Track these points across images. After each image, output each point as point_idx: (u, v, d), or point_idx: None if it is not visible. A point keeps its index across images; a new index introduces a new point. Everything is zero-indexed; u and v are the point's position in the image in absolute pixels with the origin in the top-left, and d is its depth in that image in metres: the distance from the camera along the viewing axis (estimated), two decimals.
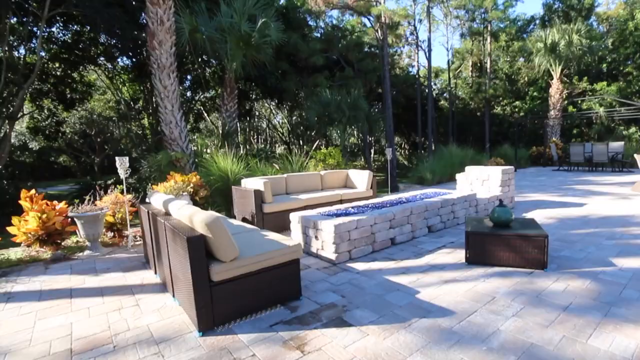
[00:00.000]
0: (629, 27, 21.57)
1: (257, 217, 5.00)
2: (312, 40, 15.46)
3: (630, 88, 21.04)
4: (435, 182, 10.78)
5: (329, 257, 3.96)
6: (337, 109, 12.72)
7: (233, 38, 9.36)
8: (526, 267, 3.60)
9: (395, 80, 20.96)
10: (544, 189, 9.28)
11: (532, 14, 25.52)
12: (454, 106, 26.90)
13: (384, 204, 5.04)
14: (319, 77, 15.07)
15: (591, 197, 7.67)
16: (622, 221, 5.47)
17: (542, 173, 13.47)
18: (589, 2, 22.85)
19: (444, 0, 23.74)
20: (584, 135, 21.73)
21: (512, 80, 24.89)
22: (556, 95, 18.22)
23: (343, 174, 6.78)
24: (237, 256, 2.60)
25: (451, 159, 11.74)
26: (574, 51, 17.83)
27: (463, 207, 5.65)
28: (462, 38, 25.84)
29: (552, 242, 4.51)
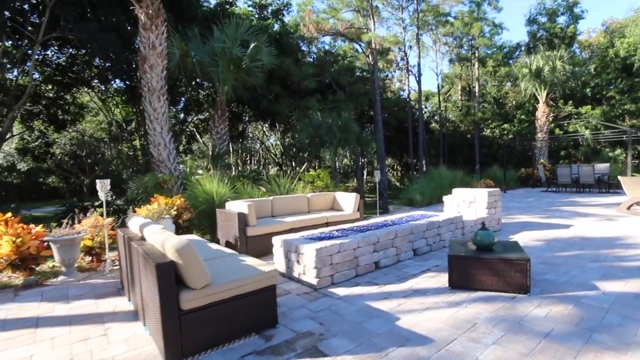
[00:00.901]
0: (609, 54, 22.43)
1: (241, 240, 4.92)
2: (304, 64, 15.79)
3: (614, 112, 21.64)
4: (425, 203, 10.79)
5: (310, 282, 3.88)
6: (328, 131, 12.86)
7: (224, 62, 9.52)
8: (509, 291, 3.56)
9: (387, 103, 21.37)
10: (532, 210, 9.33)
11: (517, 41, 26.42)
12: (445, 129, 27.36)
13: (369, 226, 5.00)
14: (310, 100, 15.30)
15: (577, 219, 7.71)
16: (607, 243, 5.48)
17: (530, 194, 13.58)
18: (571, 31, 23.80)
19: (432, 28, 24.58)
20: (572, 157, 22.11)
21: (500, 103, 25.50)
22: (543, 118, 18.64)
23: (330, 197, 6.77)
24: (209, 283, 2.53)
25: (441, 180, 11.81)
26: (558, 76, 18.41)
27: (449, 229, 5.63)
28: (451, 63, 26.58)
29: (537, 265, 4.48)
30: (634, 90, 21.54)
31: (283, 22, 17.12)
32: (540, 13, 24.41)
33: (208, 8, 14.50)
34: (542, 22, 24.19)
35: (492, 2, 24.13)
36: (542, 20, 24.32)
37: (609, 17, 33.08)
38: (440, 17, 23.23)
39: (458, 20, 23.28)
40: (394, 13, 22.59)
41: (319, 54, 18.26)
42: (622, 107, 21.64)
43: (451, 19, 23.47)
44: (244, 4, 17.11)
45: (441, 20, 23.47)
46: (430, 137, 27.12)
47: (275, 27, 17.19)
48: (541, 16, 24.37)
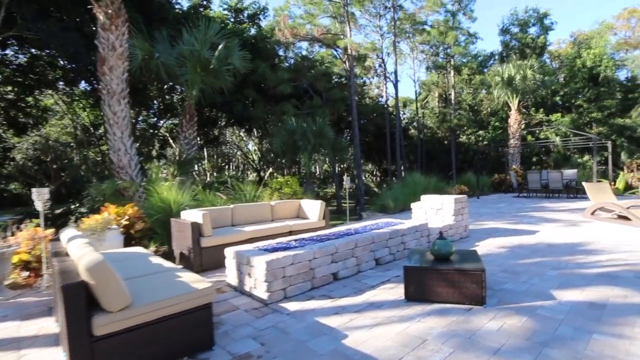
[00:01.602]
0: (577, 64, 23.29)
1: (194, 251, 4.66)
2: (280, 69, 15.63)
3: (582, 119, 22.41)
4: (399, 210, 10.74)
5: (261, 296, 3.66)
6: (302, 136, 12.70)
7: (192, 64, 9.23)
8: (465, 302, 3.44)
9: (364, 109, 21.44)
10: (502, 216, 9.39)
11: (491, 51, 27.16)
12: (423, 135, 27.70)
13: (329, 236, 4.83)
14: (286, 105, 15.13)
15: (544, 224, 7.78)
16: (569, 249, 5.49)
17: (502, 200, 13.77)
18: (541, 41, 24.62)
19: (410, 36, 24.94)
20: (543, 163, 22.71)
21: (475, 110, 26.03)
22: (515, 125, 19.08)
23: (296, 204, 6.57)
24: (129, 304, 2.28)
25: (415, 186, 11.81)
26: (529, 85, 18.92)
27: (414, 237, 5.52)
28: (428, 71, 27.02)
29: (498, 273, 4.41)
30: (600, 99, 22.40)
31: (259, 26, 16.96)
32: (512, 23, 25.17)
33: (180, 10, 14.18)
34: (515, 33, 24.93)
35: (466, 12, 24.71)
36: (514, 30, 25.08)
37: (577, 29, 34.49)
38: (417, 26, 23.61)
39: (434, 29, 23.72)
40: (371, 20, 22.82)
41: (296, 59, 18.15)
42: (590, 115, 22.44)
43: (427, 27, 23.90)
44: (219, 7, 16.79)
45: (418, 28, 23.86)
46: (408, 143, 27.37)
47: (251, 31, 17.01)
48: (513, 26, 25.13)
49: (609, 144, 14.99)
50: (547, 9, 23.93)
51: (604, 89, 22.45)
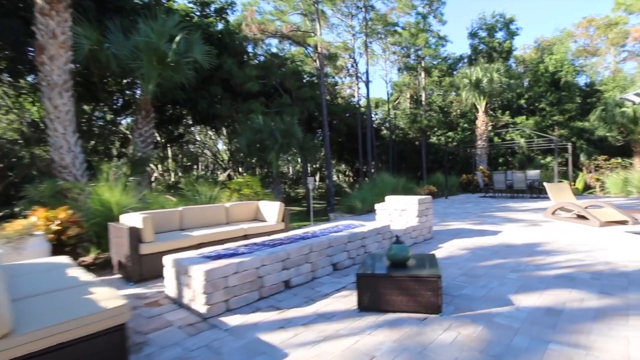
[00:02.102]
0: (540, 69, 24.17)
1: (132, 259, 4.21)
2: (248, 66, 15.15)
3: (545, 122, 23.27)
4: (366, 211, 10.57)
5: (199, 310, 3.29)
6: (269, 135, 12.32)
7: (147, 57, 8.65)
8: (421, 311, 3.21)
9: (336, 109, 21.28)
10: (467, 216, 9.41)
11: (461, 54, 27.76)
12: (395, 135, 27.91)
13: (284, 240, 4.51)
14: (254, 103, 14.68)
15: (507, 225, 7.80)
16: (529, 250, 5.44)
17: (469, 200, 13.95)
18: (508, 46, 25.37)
19: (382, 37, 25.03)
20: (509, 164, 23.40)
21: (445, 112, 26.49)
22: (482, 127, 19.48)
23: (253, 206, 6.20)
24: (9, 331, 1.87)
25: (383, 187, 11.69)
26: (495, 87, 19.39)
27: (375, 240, 5.30)
28: (400, 72, 27.24)
29: (458, 277, 4.25)
30: (561, 103, 23.34)
31: (227, 21, 16.39)
32: (481, 28, 25.81)
33: (141, 0, 13.42)
34: (483, 37, 25.57)
35: (437, 15, 25.11)
36: (482, 34, 25.71)
37: (540, 36, 35.97)
38: (389, 27, 23.72)
39: (406, 30, 23.93)
40: (343, 20, 22.68)
41: (265, 56, 17.70)
42: (552, 118, 23.35)
43: (399, 29, 24.08)
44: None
45: (390, 30, 23.99)
46: (381, 144, 27.51)
47: (219, 26, 16.41)
48: (482, 31, 25.77)
49: (569, 145, 15.53)
50: (513, 15, 24.71)
51: (564, 93, 23.41)
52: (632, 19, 27.24)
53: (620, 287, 3.78)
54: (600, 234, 6.46)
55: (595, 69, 30.20)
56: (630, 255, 4.95)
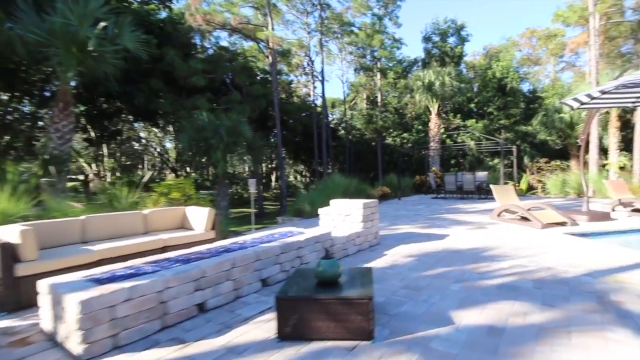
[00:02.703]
0: (488, 74, 25.21)
1: (5, 283, 3.37)
2: (194, 59, 14.13)
3: (493, 125, 24.29)
4: (315, 214, 10.09)
5: (73, 350, 2.59)
6: (214, 133, 11.50)
7: (63, 42, 7.56)
8: (351, 339, 2.75)
9: (291, 108, 20.73)
10: (417, 219, 9.26)
11: (415, 57, 28.28)
12: (352, 136, 27.89)
13: (204, 253, 3.88)
14: (200, 99, 13.73)
15: (454, 228, 7.68)
16: (474, 256, 5.24)
17: (422, 201, 14.00)
18: (459, 51, 26.21)
19: (338, 36, 24.85)
20: (461, 165, 24.15)
21: (400, 114, 26.87)
22: (435, 129, 19.86)
23: (179, 212, 5.48)
24: None
25: (334, 189, 11.32)
26: (447, 91, 19.86)
27: (314, 249, 4.81)
28: (356, 73, 27.24)
29: (399, 290, 3.87)
30: (507, 107, 24.49)
31: (170, 9, 15.24)
32: (434, 32, 26.43)
33: None
34: (436, 41, 26.21)
35: (392, 17, 25.38)
36: (435, 39, 26.35)
37: (488, 43, 37.83)
38: (345, 27, 23.57)
39: (362, 31, 23.92)
40: (299, 17, 22.19)
41: (215, 49, 16.72)
42: (499, 122, 24.41)
43: (355, 29, 24.02)
44: None
45: (346, 30, 23.85)
46: (338, 144, 27.34)
47: (162, 14, 15.23)
48: (435, 35, 26.40)
49: (514, 148, 16.15)
50: (464, 22, 25.56)
51: (510, 99, 24.60)
52: (569, 31, 29.34)
53: (561, 296, 3.59)
54: (542, 237, 6.46)
55: (537, 77, 32.25)
56: (570, 259, 4.87)
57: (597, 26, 17.22)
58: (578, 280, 4.08)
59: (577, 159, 20.93)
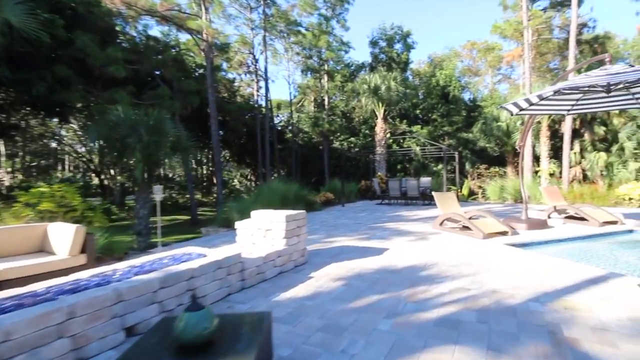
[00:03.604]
0: (432, 82, 25.76)
1: None
2: (113, 46, 12.35)
3: (437, 132, 24.79)
4: None
5: None
6: (131, 131, 9.92)
7: None
8: None
9: (231, 107, 19.33)
10: (357, 228, 8.52)
11: (363, 61, 28.20)
12: (300, 139, 27.03)
13: (35, 296, 2.66)
14: (119, 92, 11.98)
15: (395, 239, 7.02)
16: (413, 276, 4.51)
17: (366, 207, 13.44)
18: (405, 57, 26.55)
19: (284, 35, 23.93)
20: (407, 170, 24.31)
21: (348, 117, 26.55)
22: (381, 133, 19.63)
23: (38, 231, 4.11)
24: None
25: (271, 196, 10.28)
26: (393, 95, 19.75)
27: (215, 277, 3.75)
28: (303, 74, 26.51)
29: (314, 334, 2.96)
30: (450, 115, 25.18)
31: None
32: (381, 38, 26.55)
33: None
34: (383, 46, 26.32)
35: (340, 20, 25.01)
36: (382, 44, 26.47)
37: (433, 52, 39.19)
38: (291, 26, 22.71)
39: (309, 32, 23.23)
40: (242, 12, 20.93)
41: (141, 38, 14.94)
42: (443, 129, 24.99)
43: (302, 30, 23.26)
44: None
45: (293, 29, 23.01)
46: (284, 147, 26.32)
47: None
48: (382, 41, 26.52)
49: (457, 154, 16.29)
50: (409, 29, 25.94)
51: (453, 107, 25.33)
52: (505, 45, 31.15)
53: (510, 335, 2.91)
54: (484, 249, 5.98)
55: (477, 87, 33.86)
56: (515, 279, 4.31)
57: (530, 40, 18.09)
58: (526, 307, 3.47)
59: (512, 165, 21.91)
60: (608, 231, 7.61)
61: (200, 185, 24.58)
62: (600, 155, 18.53)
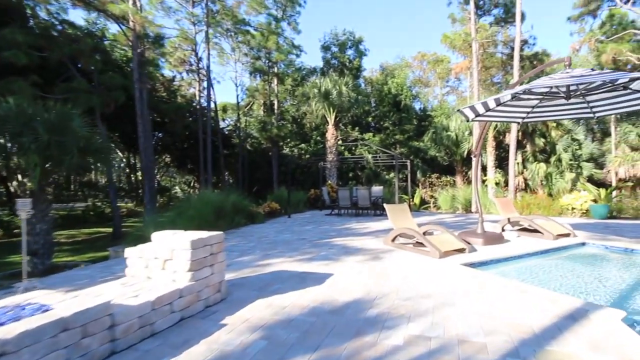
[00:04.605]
0: (384, 90, 25.64)
1: None
2: (11, 27, 10.22)
3: (389, 140, 24.59)
4: None
5: None
6: (25, 128, 8.04)
7: None
8: None
9: (168, 107, 17.45)
10: (300, 245, 7.40)
11: (314, 66, 27.49)
12: (249, 144, 25.51)
13: None
14: (17, 82, 9.87)
15: (342, 260, 5.98)
16: (358, 319, 3.46)
17: (314, 219, 12.39)
18: (357, 63, 26.23)
19: (232, 34, 22.48)
20: (359, 179, 23.75)
21: (299, 123, 25.56)
22: (332, 140, 18.84)
23: None
24: None
25: (203, 208, 8.83)
26: (344, 101, 19.09)
27: (57, 347, 2.40)
28: (252, 76, 25.17)
29: None
30: (402, 123, 25.15)
31: None
32: (333, 43, 26.02)
33: None
34: (335, 52, 25.80)
35: (291, 22, 24.11)
36: (334, 49, 25.95)
37: (385, 61, 39.71)
38: (240, 25, 21.35)
39: (258, 32, 22.01)
40: (183, 5, 19.19)
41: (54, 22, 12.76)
42: (394, 137, 24.86)
43: (251, 29, 21.99)
44: None
45: (241, 29, 21.65)
46: (231, 153, 24.64)
47: None
48: (334, 46, 25.99)
49: (408, 163, 15.89)
50: (361, 35, 25.70)
51: (404, 115, 25.35)
52: (453, 58, 32.19)
53: None
54: (442, 272, 5.13)
55: (427, 98, 34.65)
56: (483, 319, 3.42)
57: (478, 51, 18.40)
58: None
59: (461, 174, 22.18)
60: (562, 245, 7.24)
61: (133, 194, 22.04)
62: (540, 166, 19.24)
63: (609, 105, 6.39)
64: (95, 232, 15.45)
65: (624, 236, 8.02)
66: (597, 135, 25.67)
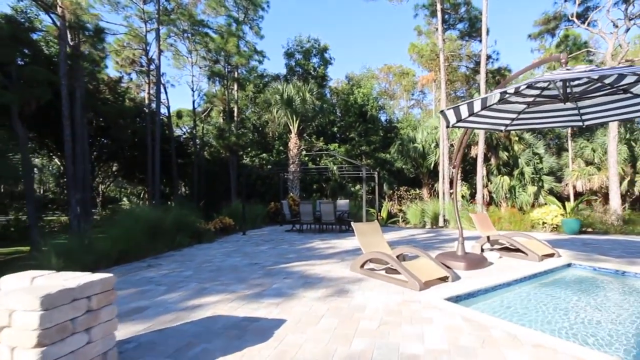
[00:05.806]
0: (350, 100, 24.97)
1: None
2: None
3: (355, 151, 23.79)
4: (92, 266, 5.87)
5: None
6: None
7: None
8: None
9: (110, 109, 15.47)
10: (249, 274, 6.02)
11: (277, 73, 26.36)
12: (207, 153, 23.70)
13: None
14: None
15: (299, 297, 4.70)
16: None
17: (272, 236, 11.01)
18: (322, 72, 25.44)
19: (189, 36, 20.89)
20: (323, 191, 22.63)
21: (260, 132, 24.19)
22: (295, 150, 17.64)
23: None
24: None
25: (134, 227, 7.21)
26: (308, 108, 18.05)
27: None
28: (210, 80, 23.57)
29: None
30: (368, 134, 24.49)
31: None
32: (297, 50, 25.09)
33: None
34: (299, 59, 24.86)
35: (253, 26, 22.94)
36: (298, 56, 25.01)
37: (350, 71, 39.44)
38: (199, 27, 19.84)
39: (218, 36, 20.61)
40: (134, 1, 17.43)
41: None
42: (360, 148, 24.10)
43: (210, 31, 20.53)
44: None
45: (199, 31, 20.14)
46: (186, 162, 22.70)
47: None
48: (298, 53, 25.07)
49: (376, 174, 15.01)
50: (327, 44, 25.00)
51: (370, 126, 24.74)
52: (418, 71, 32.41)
53: None
54: (430, 319, 4.00)
55: (392, 109, 34.56)
56: None
57: (444, 62, 18.13)
58: None
59: (428, 187, 21.71)
60: (549, 267, 6.46)
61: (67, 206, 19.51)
62: (504, 179, 19.16)
63: (600, 112, 5.71)
64: (14, 251, 13.07)
65: (608, 255, 7.42)
66: (553, 150, 26.46)
